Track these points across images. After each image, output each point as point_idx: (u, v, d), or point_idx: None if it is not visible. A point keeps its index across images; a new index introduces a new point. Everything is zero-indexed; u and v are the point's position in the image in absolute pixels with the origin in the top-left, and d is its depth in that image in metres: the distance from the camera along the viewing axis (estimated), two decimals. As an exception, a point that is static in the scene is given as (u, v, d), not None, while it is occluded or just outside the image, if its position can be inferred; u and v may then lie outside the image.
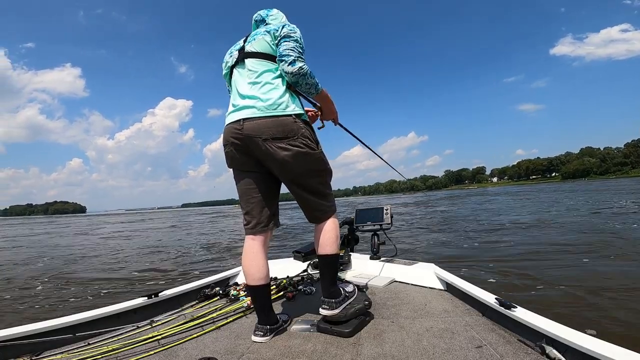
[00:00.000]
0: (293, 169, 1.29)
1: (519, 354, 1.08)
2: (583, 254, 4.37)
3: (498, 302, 1.33)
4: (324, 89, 1.36)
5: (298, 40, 1.30)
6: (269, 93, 1.28)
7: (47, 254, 7.90)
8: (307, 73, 1.26)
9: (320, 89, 1.33)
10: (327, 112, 1.47)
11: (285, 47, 1.27)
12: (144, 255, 7.01)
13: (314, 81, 1.29)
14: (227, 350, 1.22)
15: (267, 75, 1.31)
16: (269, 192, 1.41)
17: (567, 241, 5.35)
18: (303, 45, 1.32)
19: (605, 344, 0.94)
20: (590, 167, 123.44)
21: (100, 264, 6.12)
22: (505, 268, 3.92)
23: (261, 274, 1.34)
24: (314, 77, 1.29)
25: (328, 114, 1.48)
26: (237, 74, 1.39)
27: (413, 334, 1.28)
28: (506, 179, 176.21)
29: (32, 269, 5.85)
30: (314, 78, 1.29)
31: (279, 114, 1.25)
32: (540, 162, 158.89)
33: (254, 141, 1.26)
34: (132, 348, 1.25)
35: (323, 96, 1.38)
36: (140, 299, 1.64)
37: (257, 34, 1.37)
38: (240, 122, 1.27)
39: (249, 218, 1.39)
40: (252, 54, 1.34)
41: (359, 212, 2.43)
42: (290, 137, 1.26)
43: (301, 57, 1.28)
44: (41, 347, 1.25)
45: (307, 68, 1.26)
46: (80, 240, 11.65)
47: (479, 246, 5.62)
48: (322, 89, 1.34)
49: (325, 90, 1.37)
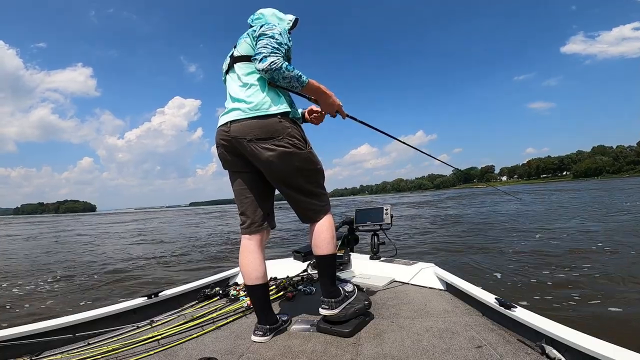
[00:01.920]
0: (279, 169, 1.29)
1: (519, 354, 1.07)
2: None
3: (498, 302, 1.31)
4: (313, 80, 1.28)
5: (274, 36, 1.26)
6: (254, 95, 1.29)
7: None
8: (280, 67, 1.19)
9: (305, 81, 1.25)
10: (324, 105, 1.37)
11: (258, 46, 1.25)
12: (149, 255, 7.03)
13: (293, 74, 1.22)
14: (227, 350, 1.23)
15: (251, 77, 1.32)
16: (261, 193, 1.42)
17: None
18: (282, 40, 1.27)
19: (605, 344, 0.92)
20: (603, 165, 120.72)
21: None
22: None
23: (258, 274, 1.34)
24: (292, 70, 1.21)
25: (327, 107, 1.37)
26: (229, 79, 1.42)
27: (413, 334, 1.27)
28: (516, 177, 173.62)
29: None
30: (292, 71, 1.21)
31: (262, 114, 1.25)
32: (551, 160, 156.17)
33: (240, 142, 1.28)
34: (132, 348, 1.26)
35: (313, 89, 1.29)
36: (140, 299, 1.66)
37: (241, 38, 1.40)
38: (227, 125, 1.30)
39: (243, 218, 1.41)
40: (239, 58, 1.37)
41: (359, 212, 2.43)
42: (275, 137, 1.25)
43: (275, 52, 1.21)
44: (41, 347, 1.26)
45: (281, 62, 1.19)
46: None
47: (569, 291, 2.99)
48: (309, 81, 1.26)
49: (315, 82, 1.29)
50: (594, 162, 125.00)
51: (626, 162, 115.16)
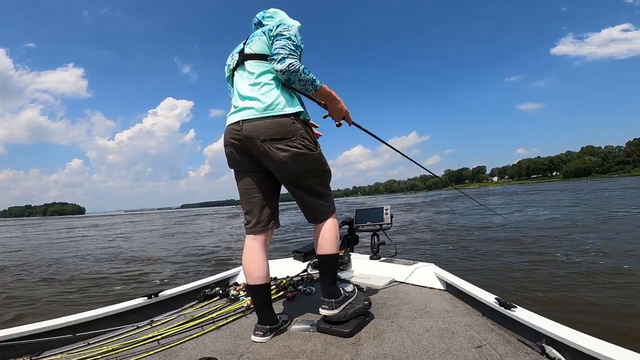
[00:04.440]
0: (291, 169, 1.29)
1: (519, 354, 1.08)
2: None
3: (498, 302, 1.33)
4: (325, 85, 1.30)
5: (291, 37, 1.27)
6: (267, 94, 1.28)
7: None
8: (298, 69, 1.21)
9: (319, 85, 1.27)
10: (333, 110, 1.37)
11: (276, 46, 1.25)
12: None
13: (309, 77, 1.24)
14: (227, 350, 1.22)
15: (265, 76, 1.31)
16: (268, 192, 1.41)
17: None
18: (298, 42, 1.29)
19: (605, 344, 0.94)
20: (592, 166, 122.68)
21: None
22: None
23: (261, 273, 1.34)
24: (309, 73, 1.24)
25: (335, 112, 1.38)
26: (238, 76, 1.40)
27: (413, 334, 1.28)
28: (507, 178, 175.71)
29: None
30: (308, 74, 1.24)
31: (276, 114, 1.25)
32: (541, 161, 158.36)
33: (253, 142, 1.27)
34: (132, 348, 1.25)
35: (325, 93, 1.31)
36: (140, 299, 1.64)
37: (254, 35, 1.38)
38: (239, 124, 1.29)
39: (249, 217, 1.40)
40: (251, 56, 1.35)
41: (359, 212, 2.44)
42: (288, 137, 1.25)
43: (293, 54, 1.23)
44: (41, 347, 1.25)
45: (299, 64, 1.21)
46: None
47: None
48: (322, 85, 1.29)
49: (327, 87, 1.31)
50: (583, 162, 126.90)
51: (615, 162, 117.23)
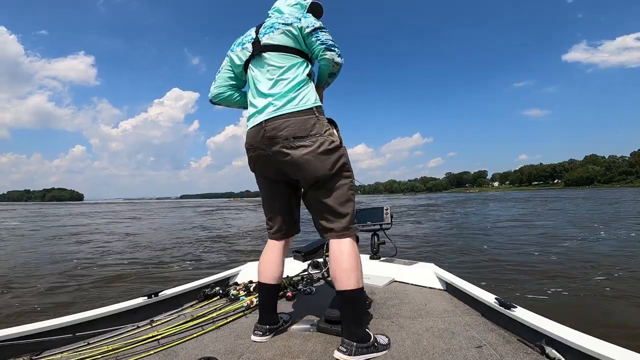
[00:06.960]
0: (316, 168, 1.17)
1: (519, 354, 1.08)
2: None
3: (498, 302, 1.33)
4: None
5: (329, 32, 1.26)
6: (297, 89, 1.20)
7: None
8: (342, 65, 1.29)
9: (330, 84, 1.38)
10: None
11: (327, 37, 1.21)
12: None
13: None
14: (227, 350, 1.22)
15: (293, 70, 1.22)
16: (290, 202, 1.39)
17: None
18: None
19: (605, 344, 0.94)
20: (595, 175, 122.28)
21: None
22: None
23: (276, 274, 1.35)
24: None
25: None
26: (255, 69, 1.28)
27: (413, 334, 1.28)
28: (507, 184, 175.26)
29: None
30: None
31: (301, 109, 1.18)
32: (544, 168, 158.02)
33: (276, 141, 1.18)
34: (132, 348, 1.25)
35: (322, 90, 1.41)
36: (140, 299, 1.64)
37: (274, 24, 1.24)
38: (262, 124, 1.20)
39: (271, 224, 1.40)
40: (272, 47, 1.23)
41: (359, 211, 2.44)
42: (313, 134, 1.17)
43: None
44: (41, 347, 1.25)
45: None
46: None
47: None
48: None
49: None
50: (586, 171, 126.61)
51: (618, 172, 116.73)
